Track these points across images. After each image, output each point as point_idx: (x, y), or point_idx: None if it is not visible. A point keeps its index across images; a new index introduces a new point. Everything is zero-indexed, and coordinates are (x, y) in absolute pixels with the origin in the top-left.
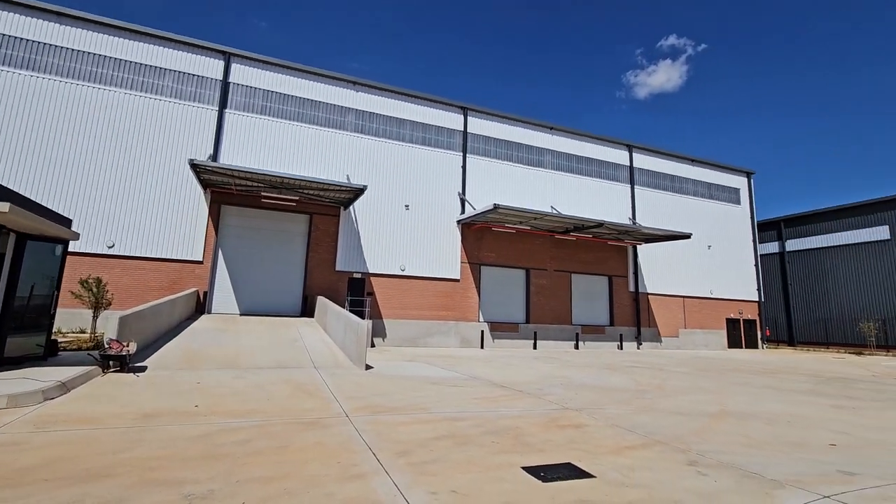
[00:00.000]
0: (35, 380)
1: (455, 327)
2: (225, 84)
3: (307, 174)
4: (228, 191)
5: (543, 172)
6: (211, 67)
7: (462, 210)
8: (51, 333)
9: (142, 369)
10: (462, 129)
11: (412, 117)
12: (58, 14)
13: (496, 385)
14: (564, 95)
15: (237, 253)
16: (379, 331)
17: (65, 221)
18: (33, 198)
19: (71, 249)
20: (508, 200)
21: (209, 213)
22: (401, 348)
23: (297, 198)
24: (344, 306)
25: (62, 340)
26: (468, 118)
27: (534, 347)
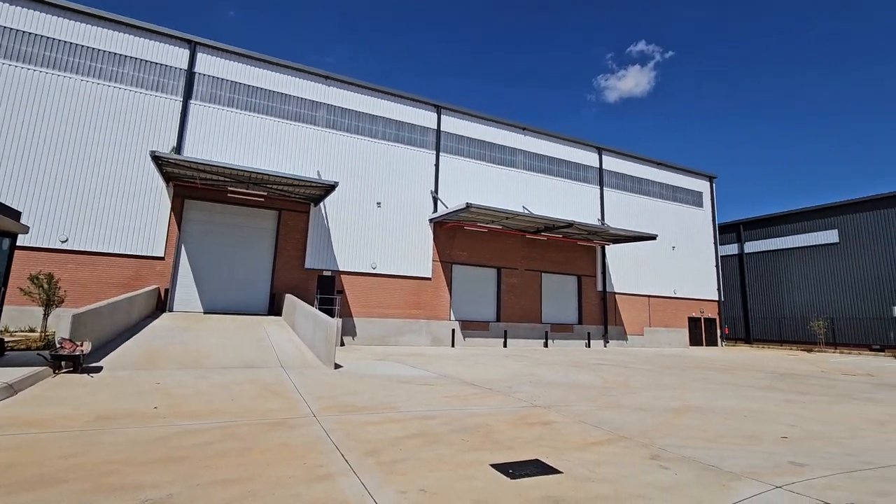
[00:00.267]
0: None
1: (426, 326)
2: (190, 74)
3: (276, 169)
4: (193, 185)
5: (516, 172)
6: (175, 56)
7: (434, 208)
8: None
9: (97, 370)
10: (436, 128)
11: (385, 114)
12: None
13: (466, 383)
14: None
15: (201, 249)
16: (349, 329)
17: (12, 213)
18: None
19: (20, 244)
20: (481, 200)
21: (172, 208)
22: (371, 347)
23: (266, 193)
24: (313, 305)
25: (9, 340)
26: (442, 116)
27: (504, 346)
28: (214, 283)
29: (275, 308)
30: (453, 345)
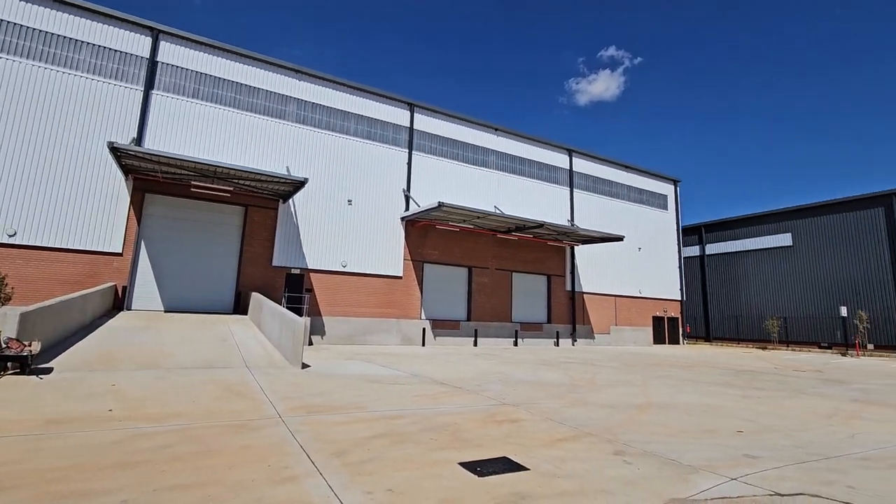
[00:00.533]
0: None
1: (397, 325)
2: (152, 63)
3: (243, 164)
4: (154, 178)
5: (488, 172)
6: (136, 43)
7: (406, 207)
8: None
9: (47, 371)
10: (408, 126)
11: (357, 110)
12: None
13: (436, 382)
14: (509, 97)
15: (163, 245)
16: (318, 328)
17: None
18: None
19: None
20: (453, 199)
21: (131, 202)
22: (340, 346)
23: (232, 188)
24: (281, 303)
25: None
26: (415, 115)
27: (474, 344)
28: (176, 281)
29: (240, 307)
30: (424, 344)
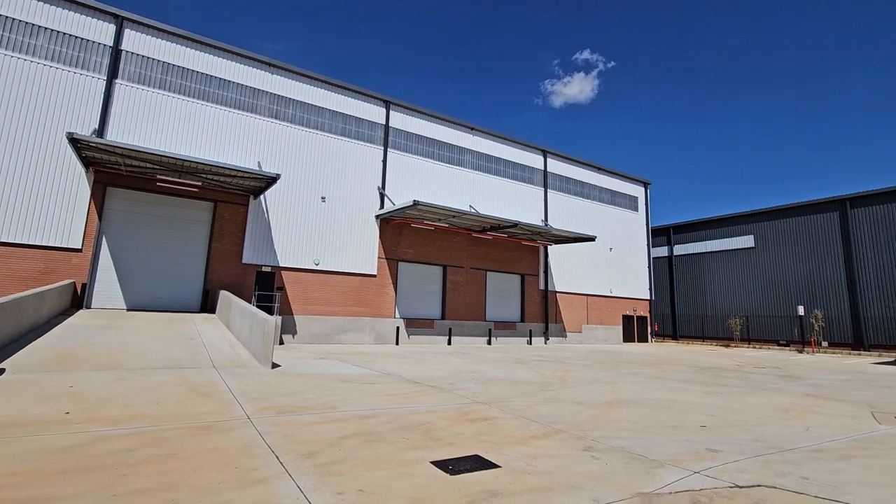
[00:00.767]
0: None
1: (370, 323)
2: (116, 51)
3: (212, 158)
4: (117, 171)
5: (463, 172)
6: (99, 30)
7: (381, 205)
8: None
9: None
10: (384, 123)
11: (332, 106)
12: None
13: (409, 381)
14: (485, 97)
15: (126, 241)
16: (289, 327)
17: None
18: None
19: None
20: (428, 197)
21: (92, 196)
22: (313, 346)
23: (200, 183)
24: (251, 301)
25: None
26: (391, 112)
27: (448, 343)
28: (140, 278)
29: (208, 305)
30: (398, 343)
